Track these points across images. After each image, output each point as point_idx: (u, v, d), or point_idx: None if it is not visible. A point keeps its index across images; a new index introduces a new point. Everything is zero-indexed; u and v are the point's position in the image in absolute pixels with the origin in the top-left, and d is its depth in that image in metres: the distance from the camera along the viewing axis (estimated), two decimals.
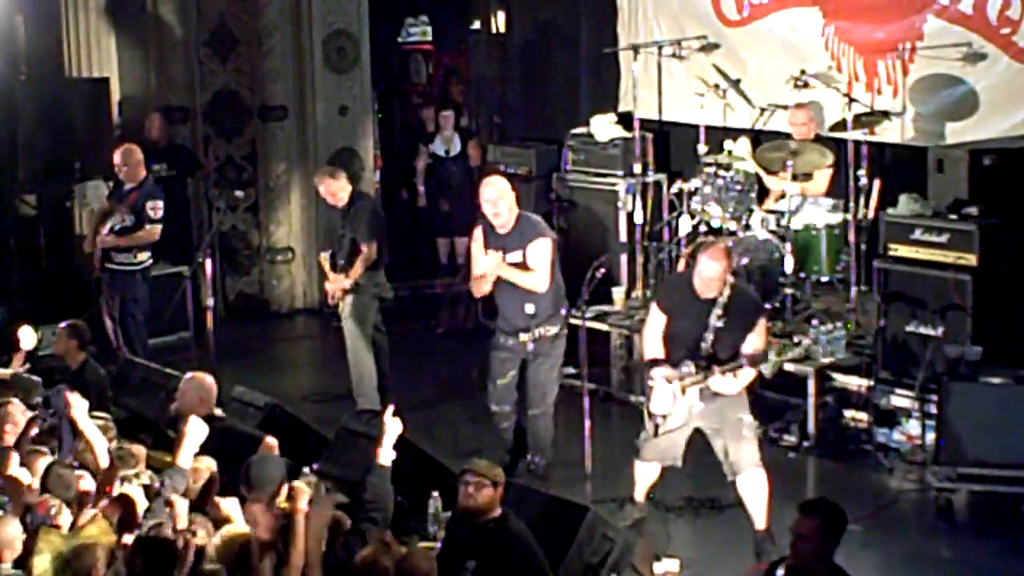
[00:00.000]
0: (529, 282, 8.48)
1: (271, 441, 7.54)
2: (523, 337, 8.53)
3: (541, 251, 8.51)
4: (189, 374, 8.08)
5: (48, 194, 12.04)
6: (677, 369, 7.62)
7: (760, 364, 7.62)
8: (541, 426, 8.69)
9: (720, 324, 7.57)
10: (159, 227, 10.52)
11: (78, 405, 6.89)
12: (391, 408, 6.62)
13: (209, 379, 8.01)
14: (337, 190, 10.00)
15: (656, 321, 7.85)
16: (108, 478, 6.58)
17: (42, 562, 5.98)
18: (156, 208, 10.48)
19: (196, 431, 6.77)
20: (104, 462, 6.75)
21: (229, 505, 6.49)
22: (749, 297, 7.76)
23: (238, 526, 6.26)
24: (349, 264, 9.91)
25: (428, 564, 5.86)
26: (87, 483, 6.61)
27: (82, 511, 6.43)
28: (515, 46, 14.23)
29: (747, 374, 7.62)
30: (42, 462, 6.84)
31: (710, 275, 7.56)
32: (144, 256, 10.57)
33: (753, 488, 7.68)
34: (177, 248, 11.66)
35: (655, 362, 7.74)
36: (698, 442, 7.84)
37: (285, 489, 6.52)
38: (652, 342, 7.84)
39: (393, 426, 6.58)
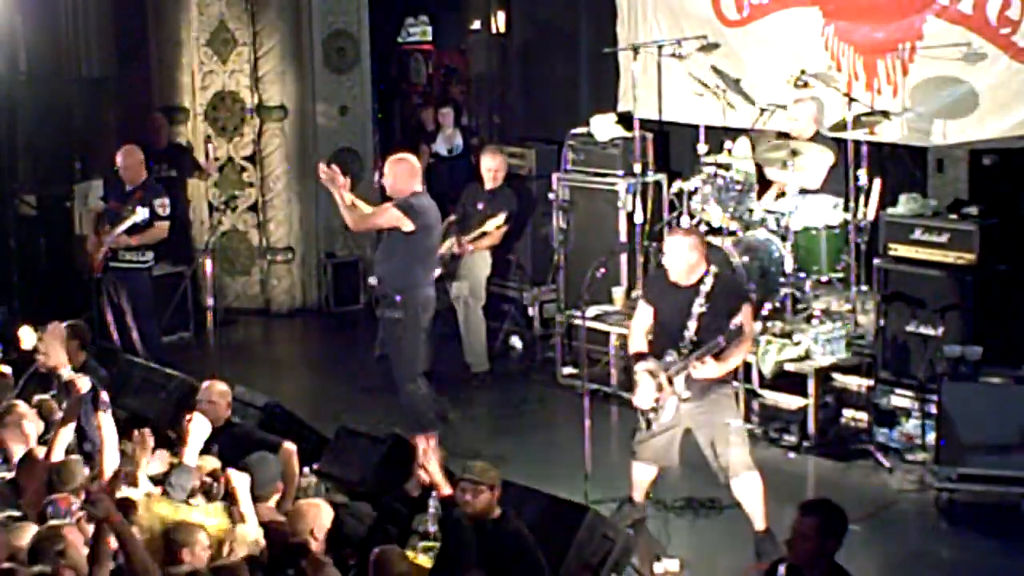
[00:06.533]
0: (343, 204, 8.86)
1: (289, 446, 7.50)
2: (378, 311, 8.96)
3: (389, 207, 8.83)
4: (205, 383, 8.06)
5: (48, 194, 12.04)
6: (661, 360, 7.62)
7: (735, 339, 7.43)
8: (407, 407, 8.87)
9: (703, 310, 7.54)
10: (168, 224, 10.59)
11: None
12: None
13: (221, 384, 8.03)
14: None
15: (643, 314, 7.87)
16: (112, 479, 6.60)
17: (150, 519, 6.10)
18: (164, 206, 10.56)
19: (200, 428, 6.81)
20: (110, 461, 6.74)
21: (238, 480, 6.52)
22: (733, 283, 7.75)
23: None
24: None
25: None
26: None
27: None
28: (515, 46, 14.23)
29: (730, 356, 7.49)
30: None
31: (674, 250, 7.61)
32: (150, 255, 10.63)
33: (747, 491, 7.66)
34: (177, 248, 11.66)
35: (640, 356, 7.75)
36: (696, 442, 7.83)
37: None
38: (637, 335, 7.86)
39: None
